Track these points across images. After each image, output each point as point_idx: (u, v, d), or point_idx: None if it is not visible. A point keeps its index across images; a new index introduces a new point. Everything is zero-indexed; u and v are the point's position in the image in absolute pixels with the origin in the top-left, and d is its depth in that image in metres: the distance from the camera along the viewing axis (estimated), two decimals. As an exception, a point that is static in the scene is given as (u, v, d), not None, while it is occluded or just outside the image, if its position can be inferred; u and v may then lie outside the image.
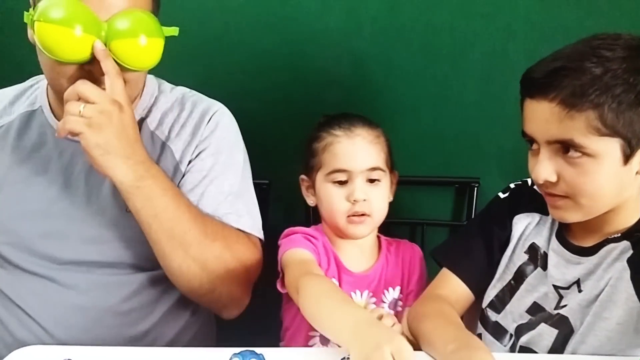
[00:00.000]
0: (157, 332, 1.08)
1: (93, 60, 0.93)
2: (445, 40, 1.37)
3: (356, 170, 1.13)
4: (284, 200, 1.24)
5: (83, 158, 1.02)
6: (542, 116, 0.87)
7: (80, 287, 1.03)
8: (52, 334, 1.02)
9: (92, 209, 1.05)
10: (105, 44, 0.93)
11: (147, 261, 1.05)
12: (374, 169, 1.13)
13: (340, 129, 1.14)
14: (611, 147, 0.85)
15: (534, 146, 0.93)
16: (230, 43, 1.41)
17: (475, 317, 1.10)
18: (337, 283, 1.16)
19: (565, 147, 0.87)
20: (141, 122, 1.08)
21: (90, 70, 0.94)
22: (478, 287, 1.09)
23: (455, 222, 1.47)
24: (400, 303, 1.20)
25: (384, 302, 1.19)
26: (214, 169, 1.09)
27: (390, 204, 1.24)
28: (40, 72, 1.02)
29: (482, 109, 1.40)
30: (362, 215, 1.14)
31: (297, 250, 1.12)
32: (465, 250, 1.11)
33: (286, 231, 1.18)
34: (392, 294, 1.20)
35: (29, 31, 0.97)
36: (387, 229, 1.31)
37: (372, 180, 1.14)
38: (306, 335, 1.15)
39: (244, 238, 1.08)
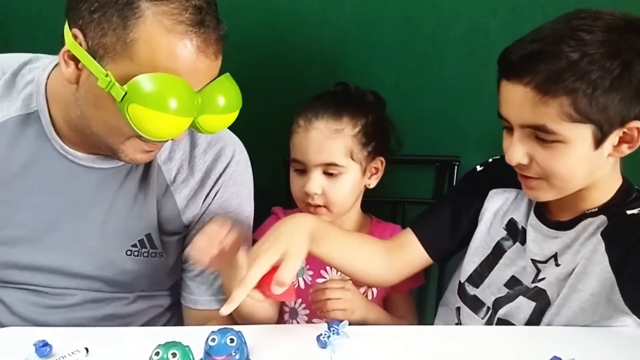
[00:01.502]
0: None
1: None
2: (426, 17, 1.36)
3: (310, 163, 1.14)
4: (264, 179, 1.23)
5: (86, 181, 0.97)
6: (516, 100, 0.88)
7: (65, 301, 1.02)
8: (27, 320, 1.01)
9: (87, 244, 1.00)
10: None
11: (141, 291, 1.06)
12: (328, 164, 1.13)
13: (304, 118, 1.15)
14: (583, 132, 0.86)
15: (507, 125, 0.93)
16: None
17: (453, 291, 1.12)
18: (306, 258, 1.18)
19: (537, 131, 0.88)
20: None
21: None
22: (436, 252, 1.11)
23: (436, 201, 1.48)
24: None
25: None
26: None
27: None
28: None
29: (463, 87, 1.40)
30: (318, 206, 1.15)
31: None
32: (431, 215, 1.14)
33: (272, 210, 1.26)
34: None
35: (70, 70, 0.86)
36: (369, 207, 1.32)
37: (330, 173, 1.14)
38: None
39: None
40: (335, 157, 1.13)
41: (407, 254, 1.10)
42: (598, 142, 0.87)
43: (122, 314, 1.06)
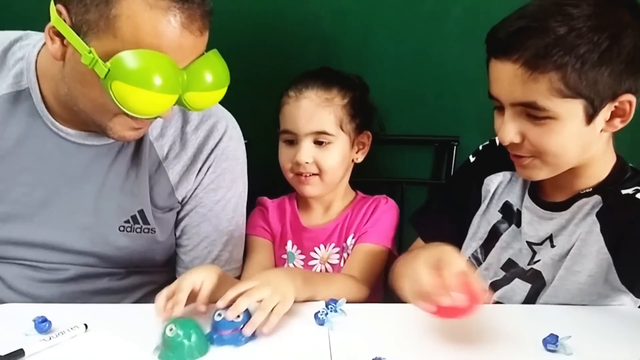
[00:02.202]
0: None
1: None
2: (426, -5, 1.34)
3: (300, 133, 1.15)
4: (264, 158, 1.23)
5: (78, 158, 0.97)
6: (505, 78, 0.87)
7: (59, 275, 1.02)
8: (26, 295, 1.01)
9: (81, 220, 1.00)
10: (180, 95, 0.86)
11: (135, 267, 1.06)
12: (319, 132, 1.14)
13: (294, 90, 1.17)
14: (574, 108, 0.86)
15: (497, 104, 0.93)
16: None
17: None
18: (296, 243, 1.23)
19: (528, 108, 0.87)
20: None
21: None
22: None
23: (435, 181, 1.48)
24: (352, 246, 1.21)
25: (347, 251, 1.22)
26: (214, 209, 1.07)
27: (370, 163, 1.24)
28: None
29: (463, 67, 1.39)
30: (310, 175, 1.16)
31: (254, 240, 1.21)
32: (436, 221, 1.15)
33: (257, 200, 1.27)
34: (350, 241, 1.22)
35: (55, 46, 0.85)
36: (367, 187, 1.32)
37: (320, 142, 1.15)
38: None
39: None
40: (326, 125, 1.15)
41: None
42: (590, 117, 0.86)
43: (116, 288, 1.06)
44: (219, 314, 0.81)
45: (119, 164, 1.00)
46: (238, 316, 0.81)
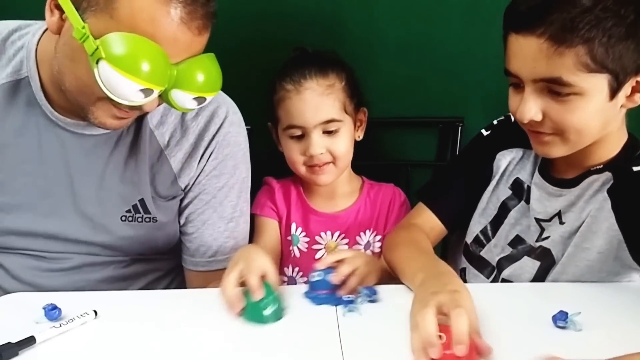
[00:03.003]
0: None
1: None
2: (429, -25, 1.33)
3: (309, 125, 1.12)
4: (266, 145, 1.23)
5: (77, 148, 0.97)
6: (528, 53, 0.85)
7: (62, 264, 1.02)
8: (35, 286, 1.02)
9: (83, 210, 0.99)
10: (164, 89, 0.84)
11: (139, 255, 1.06)
12: (327, 121, 1.13)
13: (291, 82, 1.13)
14: (599, 83, 0.84)
15: (515, 81, 0.91)
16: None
17: (459, 252, 1.12)
18: (301, 225, 1.23)
19: (551, 84, 0.85)
20: (141, 117, 0.99)
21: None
22: (453, 224, 1.11)
23: (440, 163, 1.47)
24: (378, 244, 1.22)
25: (359, 243, 1.22)
26: (217, 195, 1.06)
27: (374, 146, 1.23)
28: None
29: (467, 46, 1.37)
30: (323, 165, 1.15)
31: (261, 220, 1.21)
32: (444, 188, 1.13)
33: (263, 180, 1.27)
34: (367, 236, 1.22)
35: (53, 19, 0.84)
36: (372, 171, 1.32)
37: (329, 131, 1.13)
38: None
39: None
40: (333, 112, 1.13)
41: (427, 230, 1.09)
42: (613, 92, 0.85)
43: (120, 276, 1.06)
44: (317, 275, 0.89)
45: (118, 154, 1.00)
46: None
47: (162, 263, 1.12)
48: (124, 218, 1.02)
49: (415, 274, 0.88)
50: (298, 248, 1.22)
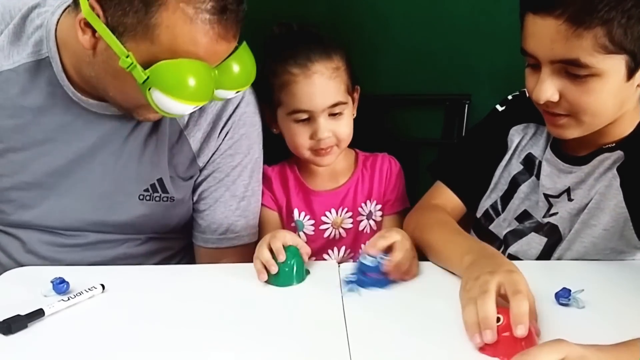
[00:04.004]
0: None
1: None
2: (436, -50, 1.31)
3: (317, 109, 1.11)
4: (264, 123, 1.22)
5: (98, 127, 0.98)
6: (546, 34, 0.84)
7: (79, 240, 1.04)
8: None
9: (101, 189, 1.01)
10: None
11: (154, 233, 1.08)
12: (335, 105, 1.12)
13: (297, 65, 1.10)
14: (617, 64, 0.83)
15: (532, 62, 0.90)
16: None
17: (467, 226, 1.13)
18: (304, 209, 1.21)
19: (569, 66, 0.85)
20: None
21: None
22: (471, 200, 1.11)
23: (446, 141, 1.46)
24: (379, 213, 1.23)
25: (362, 214, 1.22)
26: (231, 174, 1.07)
27: (380, 123, 1.22)
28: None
29: (475, 23, 1.35)
30: (328, 147, 1.14)
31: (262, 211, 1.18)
32: (460, 165, 1.13)
33: None
34: (369, 206, 1.22)
35: (86, 37, 0.85)
36: (378, 148, 1.30)
37: (334, 114, 1.13)
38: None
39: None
40: (339, 95, 1.12)
41: (449, 210, 1.10)
42: (631, 72, 0.84)
43: (134, 254, 1.08)
44: (369, 261, 0.88)
45: (137, 133, 1.00)
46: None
47: (174, 242, 1.14)
48: (141, 197, 1.03)
49: (463, 256, 0.88)
50: (304, 233, 1.21)
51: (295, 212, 1.22)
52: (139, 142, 1.01)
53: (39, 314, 0.80)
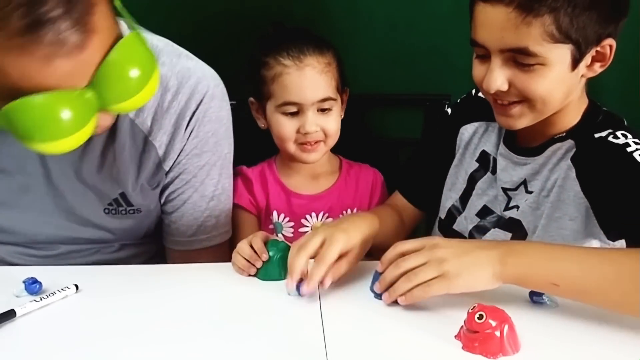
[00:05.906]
0: None
1: None
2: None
3: (307, 102, 1.12)
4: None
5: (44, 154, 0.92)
6: (496, 22, 0.85)
7: (51, 252, 1.03)
8: None
9: (64, 205, 0.99)
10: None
11: (126, 240, 1.07)
12: (324, 99, 1.13)
13: (290, 58, 1.11)
14: (563, 53, 0.86)
15: (481, 52, 0.92)
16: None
17: (434, 228, 1.15)
18: (284, 211, 1.21)
19: (517, 55, 0.86)
20: None
21: None
22: (425, 204, 1.16)
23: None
24: None
25: None
26: (198, 175, 1.03)
27: (360, 124, 1.23)
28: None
29: (455, 23, 1.35)
30: (315, 142, 1.15)
31: (238, 212, 1.17)
32: (411, 169, 1.18)
33: (236, 169, 1.17)
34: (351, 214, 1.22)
35: None
36: (357, 149, 1.31)
37: (323, 109, 1.14)
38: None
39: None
40: (329, 91, 1.13)
41: (401, 209, 1.14)
42: (575, 62, 0.87)
43: (109, 260, 1.06)
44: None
45: (91, 149, 0.96)
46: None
47: (149, 246, 1.12)
48: (107, 210, 1.01)
49: None
50: (283, 235, 1.21)
51: (275, 214, 1.21)
52: (95, 157, 0.97)
53: (10, 314, 0.78)
